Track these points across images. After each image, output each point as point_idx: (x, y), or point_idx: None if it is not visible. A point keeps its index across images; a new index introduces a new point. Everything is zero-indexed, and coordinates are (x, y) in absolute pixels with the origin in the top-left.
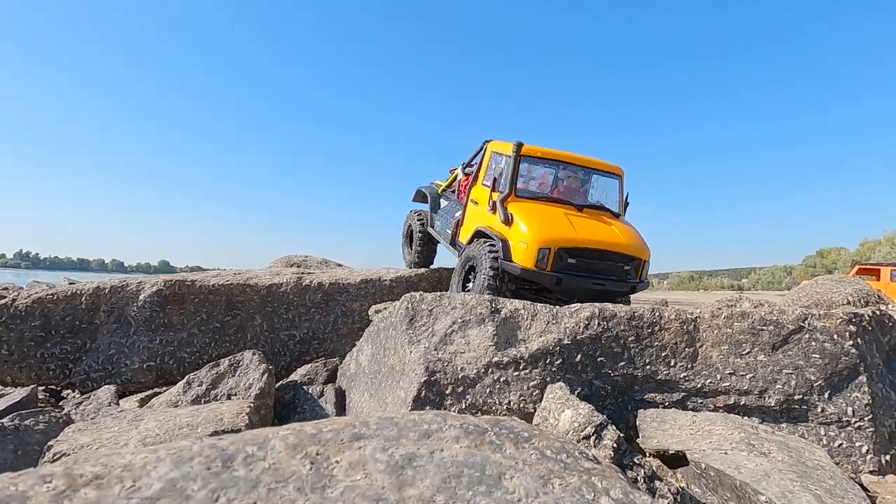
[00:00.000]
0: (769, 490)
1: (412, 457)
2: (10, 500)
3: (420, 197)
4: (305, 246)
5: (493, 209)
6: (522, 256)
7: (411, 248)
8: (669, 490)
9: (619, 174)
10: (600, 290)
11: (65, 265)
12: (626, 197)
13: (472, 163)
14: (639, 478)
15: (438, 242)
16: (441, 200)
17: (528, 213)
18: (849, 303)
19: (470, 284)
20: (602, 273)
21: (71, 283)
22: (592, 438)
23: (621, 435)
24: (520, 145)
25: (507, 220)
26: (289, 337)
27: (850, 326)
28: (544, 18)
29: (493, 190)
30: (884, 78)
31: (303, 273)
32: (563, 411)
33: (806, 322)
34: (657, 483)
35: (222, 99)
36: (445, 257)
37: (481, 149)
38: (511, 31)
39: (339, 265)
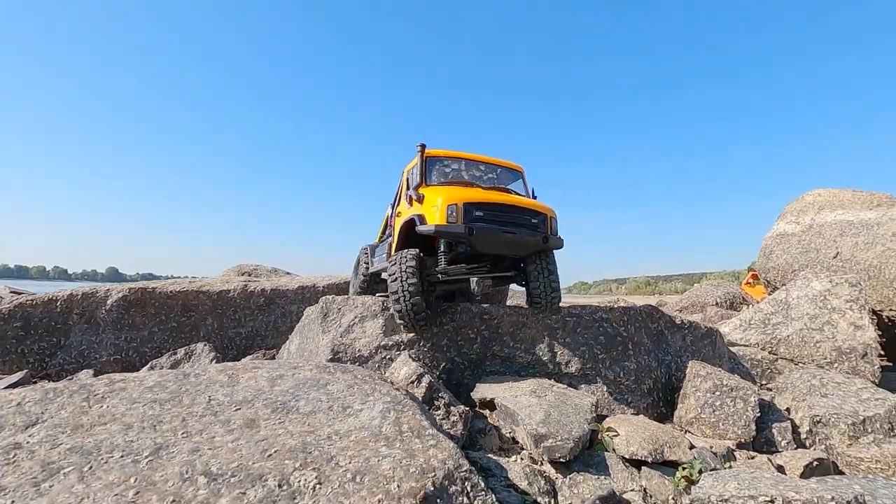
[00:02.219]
0: (529, 414)
1: (282, 375)
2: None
3: (363, 253)
4: (263, 254)
5: (410, 201)
6: (434, 217)
7: (356, 278)
8: (458, 412)
9: (519, 170)
10: (513, 239)
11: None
12: (533, 191)
13: (397, 195)
14: (441, 405)
15: (380, 280)
16: (378, 246)
17: (436, 188)
18: (717, 304)
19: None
20: (512, 225)
21: (14, 293)
22: (415, 382)
23: (433, 381)
24: (423, 146)
25: (420, 199)
26: (236, 334)
27: (625, 316)
28: (534, 15)
29: (408, 189)
30: (847, 77)
31: (249, 281)
32: (402, 368)
33: (598, 314)
34: (452, 408)
35: (179, 98)
36: None
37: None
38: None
39: (288, 273)
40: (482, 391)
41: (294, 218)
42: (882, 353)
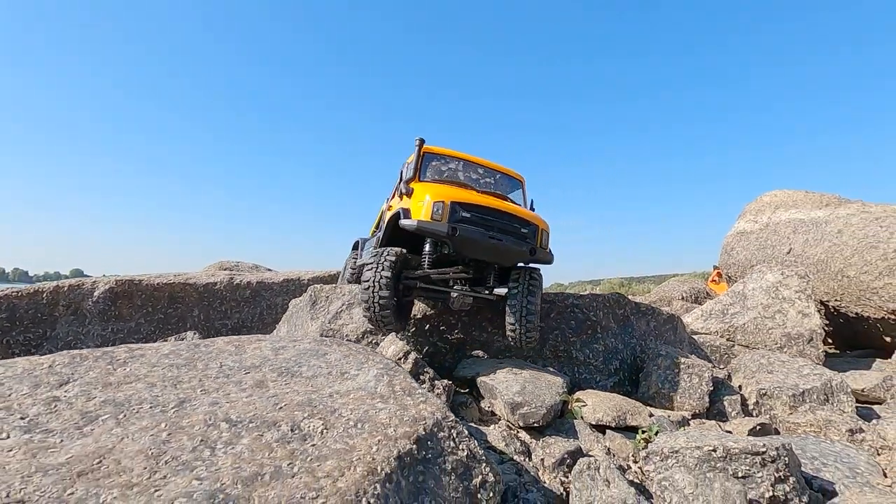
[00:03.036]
0: (507, 387)
1: (284, 346)
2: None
3: (356, 246)
4: (241, 253)
5: (400, 195)
6: (419, 212)
7: (346, 271)
8: (441, 385)
9: (520, 179)
10: (498, 246)
11: None
12: (532, 203)
13: (394, 191)
14: (426, 379)
15: None
16: (370, 240)
17: (426, 184)
18: (683, 298)
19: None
20: (499, 230)
21: None
22: (402, 359)
23: (419, 358)
24: (422, 140)
25: (409, 193)
26: (222, 325)
27: (594, 303)
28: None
29: (401, 182)
30: (811, 81)
31: (234, 274)
32: (390, 347)
33: (569, 300)
34: (436, 382)
35: (145, 92)
36: None
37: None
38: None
39: (269, 270)
40: (463, 371)
41: (276, 217)
42: (829, 340)
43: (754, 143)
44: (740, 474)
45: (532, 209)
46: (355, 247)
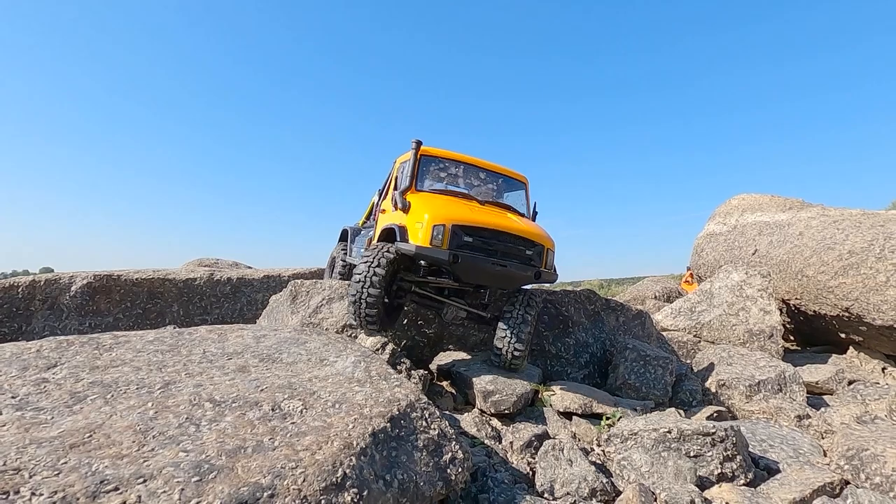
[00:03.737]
0: (480, 376)
1: (265, 335)
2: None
3: (343, 236)
4: (219, 251)
5: (395, 205)
6: (417, 235)
7: (332, 268)
8: (418, 375)
9: (523, 181)
10: (502, 272)
11: None
12: (535, 206)
13: (386, 185)
14: (402, 369)
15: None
16: (361, 232)
17: (425, 199)
18: (655, 297)
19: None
20: (503, 255)
21: None
22: (380, 350)
23: (396, 349)
24: (419, 143)
25: (405, 208)
26: (202, 321)
27: (566, 298)
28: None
29: (396, 189)
30: (783, 85)
31: (214, 270)
32: (368, 339)
33: (543, 296)
34: (412, 371)
35: (116, 84)
36: None
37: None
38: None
39: (249, 267)
40: (440, 363)
41: (257, 216)
42: (791, 337)
43: (730, 143)
44: (692, 454)
45: (535, 213)
46: (343, 237)
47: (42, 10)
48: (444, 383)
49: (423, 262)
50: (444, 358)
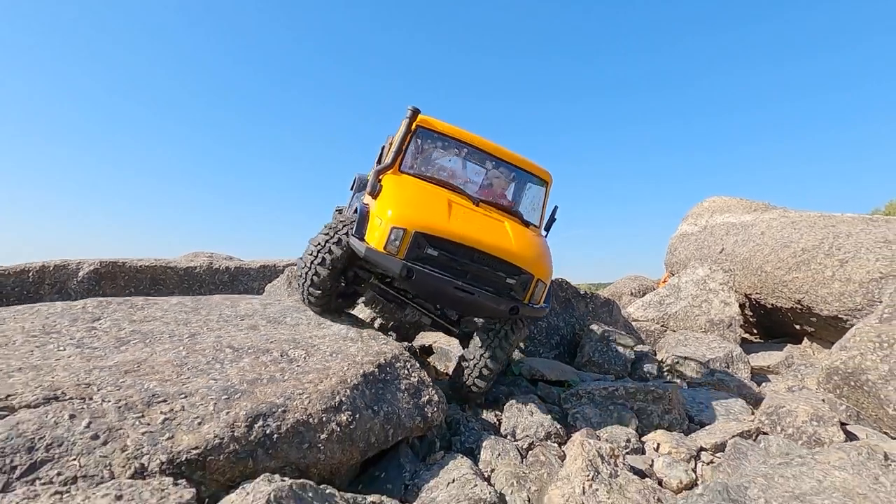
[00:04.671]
0: (458, 350)
1: (271, 303)
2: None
3: (356, 186)
4: (209, 246)
5: (371, 186)
6: (373, 235)
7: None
8: (404, 346)
9: (545, 179)
10: (466, 300)
11: None
12: (554, 212)
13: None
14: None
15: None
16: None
17: (399, 186)
18: (632, 293)
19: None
20: (473, 279)
21: None
22: (370, 323)
23: (384, 323)
24: (415, 111)
25: (375, 192)
26: None
27: None
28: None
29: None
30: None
31: (213, 259)
32: (361, 314)
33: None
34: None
35: (100, 75)
36: None
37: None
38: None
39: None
40: (422, 340)
41: (251, 212)
42: (755, 330)
43: (731, 143)
44: (636, 408)
45: (552, 221)
46: (356, 186)
47: (42, 9)
48: (429, 358)
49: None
50: (426, 337)
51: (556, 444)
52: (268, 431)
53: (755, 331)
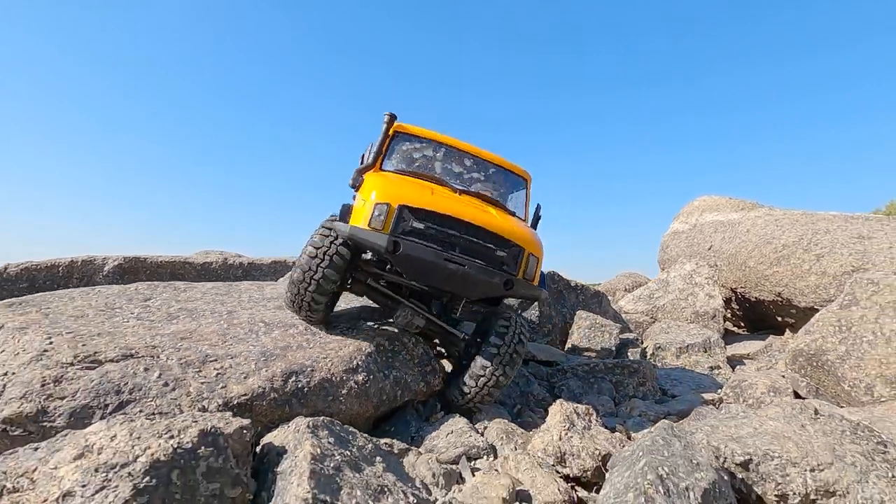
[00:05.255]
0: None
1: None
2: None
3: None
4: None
5: (354, 184)
6: (359, 216)
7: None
8: None
9: (523, 177)
10: (457, 272)
11: None
12: (538, 210)
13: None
14: None
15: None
16: None
17: (381, 176)
18: (626, 289)
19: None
20: (463, 251)
21: None
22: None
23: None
24: (392, 116)
25: (357, 185)
26: None
27: None
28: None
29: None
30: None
31: (227, 256)
32: None
33: None
34: None
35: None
36: None
37: None
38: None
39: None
40: None
41: (257, 212)
42: (742, 323)
43: (735, 142)
44: (614, 381)
45: (537, 219)
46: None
47: (42, 8)
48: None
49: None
50: None
51: (541, 409)
52: (299, 385)
53: (742, 324)
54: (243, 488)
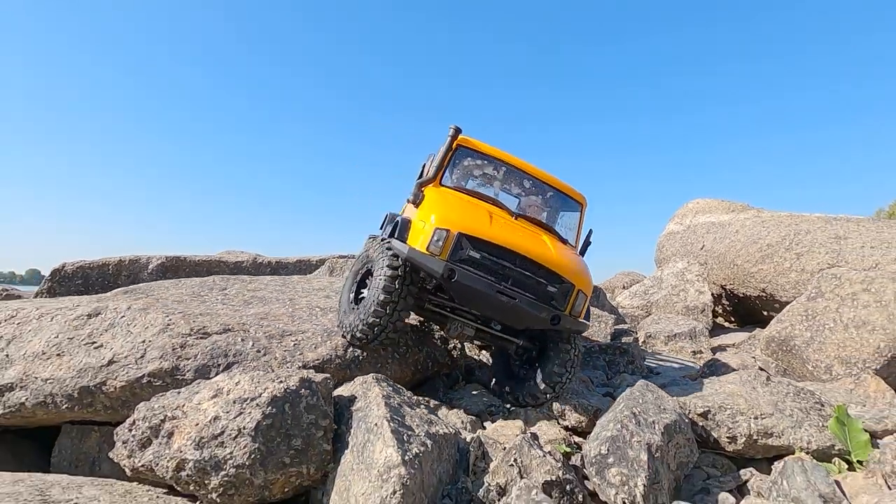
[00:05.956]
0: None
1: (335, 280)
2: None
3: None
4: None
5: (413, 197)
6: (416, 238)
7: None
8: None
9: (579, 202)
10: (507, 305)
11: None
12: (589, 235)
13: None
14: None
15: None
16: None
17: (441, 195)
18: (624, 286)
19: (364, 291)
20: (515, 284)
21: None
22: None
23: None
24: (457, 130)
25: (417, 201)
26: None
27: None
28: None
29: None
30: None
31: (256, 256)
32: None
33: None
34: None
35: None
36: None
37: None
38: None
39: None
40: None
41: (274, 214)
42: (732, 318)
43: (714, 144)
44: (607, 360)
45: (587, 244)
46: (386, 223)
47: (42, 7)
48: None
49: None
50: None
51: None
52: (356, 354)
53: (732, 319)
54: (330, 420)
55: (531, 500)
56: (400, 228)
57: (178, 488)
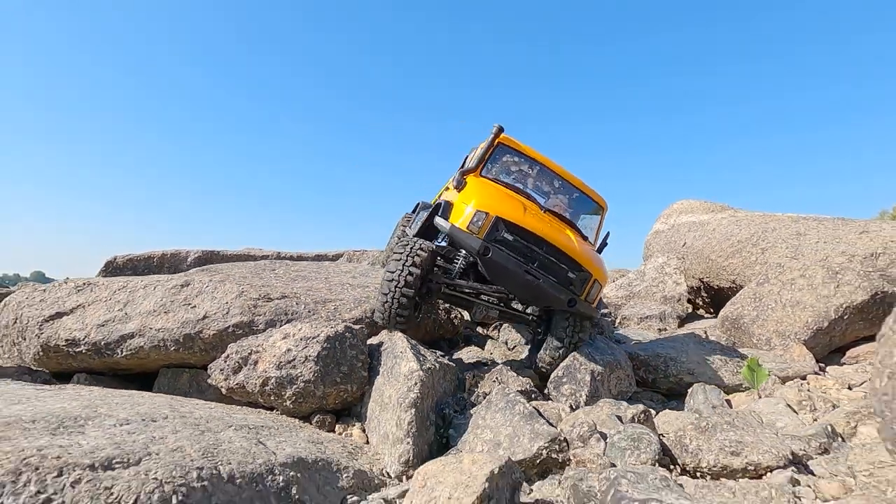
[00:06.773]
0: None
1: (358, 266)
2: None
3: (415, 208)
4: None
5: (456, 183)
6: (458, 216)
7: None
8: None
9: (601, 205)
10: (532, 284)
11: None
12: (607, 237)
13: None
14: None
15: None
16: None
17: (482, 185)
18: (614, 281)
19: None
20: (541, 266)
21: None
22: None
23: None
24: (500, 128)
25: (460, 186)
26: None
27: None
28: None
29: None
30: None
31: (279, 250)
32: None
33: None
34: None
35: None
36: None
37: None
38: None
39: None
40: None
41: (286, 216)
42: (711, 310)
43: (714, 143)
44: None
45: (604, 245)
46: (419, 209)
47: (42, 6)
48: None
49: (454, 246)
50: None
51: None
52: None
53: (711, 310)
54: (365, 355)
55: (505, 394)
56: (444, 208)
57: (262, 401)
